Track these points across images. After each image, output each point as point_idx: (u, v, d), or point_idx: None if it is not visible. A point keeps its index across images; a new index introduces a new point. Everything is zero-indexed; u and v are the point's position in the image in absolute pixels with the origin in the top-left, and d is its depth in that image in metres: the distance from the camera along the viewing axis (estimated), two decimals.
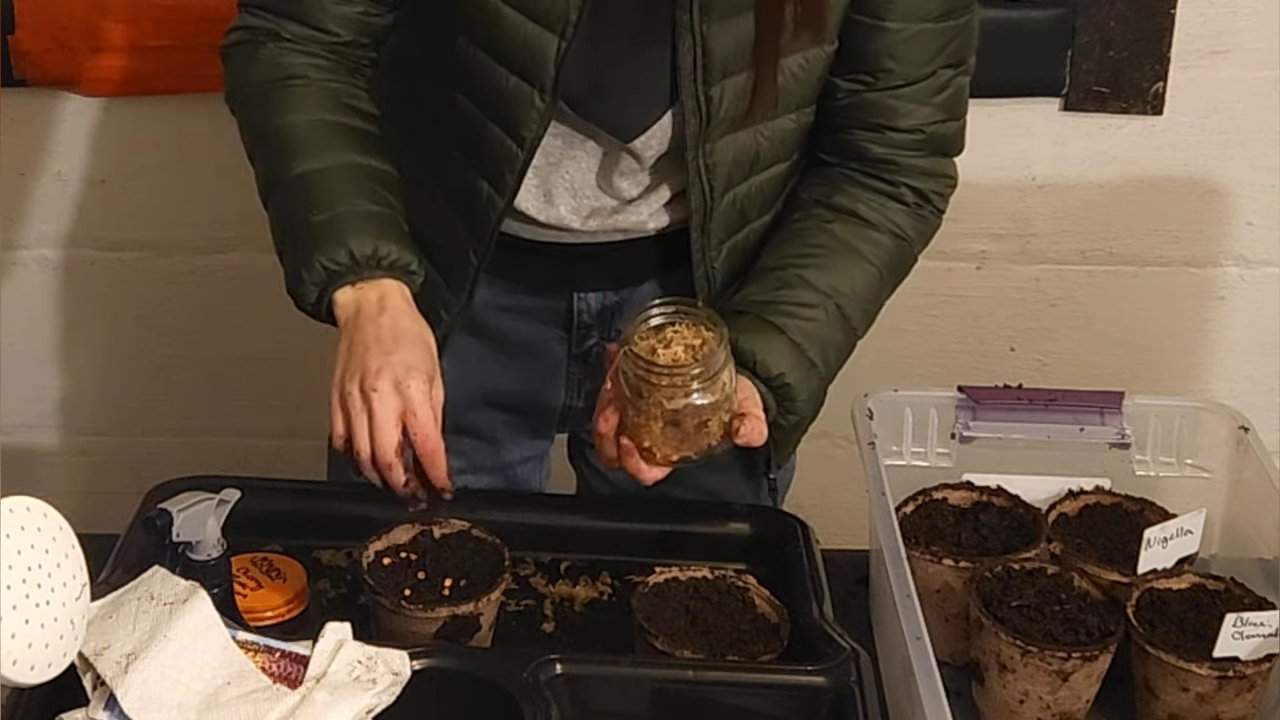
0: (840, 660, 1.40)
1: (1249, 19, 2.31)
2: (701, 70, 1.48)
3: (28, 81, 2.31)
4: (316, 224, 1.48)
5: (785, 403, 1.53)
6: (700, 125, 1.51)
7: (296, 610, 1.52)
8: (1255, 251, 2.44)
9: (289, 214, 1.52)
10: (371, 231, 1.48)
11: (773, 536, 1.62)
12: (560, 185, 1.58)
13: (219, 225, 2.42)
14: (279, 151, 1.54)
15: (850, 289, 1.57)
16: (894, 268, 1.62)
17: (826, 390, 1.58)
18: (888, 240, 1.60)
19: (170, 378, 2.53)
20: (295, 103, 1.54)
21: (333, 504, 1.67)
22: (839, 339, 1.57)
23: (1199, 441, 1.72)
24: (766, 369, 1.51)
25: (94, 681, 1.27)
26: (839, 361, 1.59)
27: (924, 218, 1.62)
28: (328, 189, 1.50)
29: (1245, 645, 1.44)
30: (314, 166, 1.52)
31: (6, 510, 1.16)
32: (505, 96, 1.51)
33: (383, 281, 1.48)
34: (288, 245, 1.52)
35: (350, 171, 1.52)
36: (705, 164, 1.53)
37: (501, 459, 1.77)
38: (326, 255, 1.47)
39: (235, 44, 1.60)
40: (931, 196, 1.61)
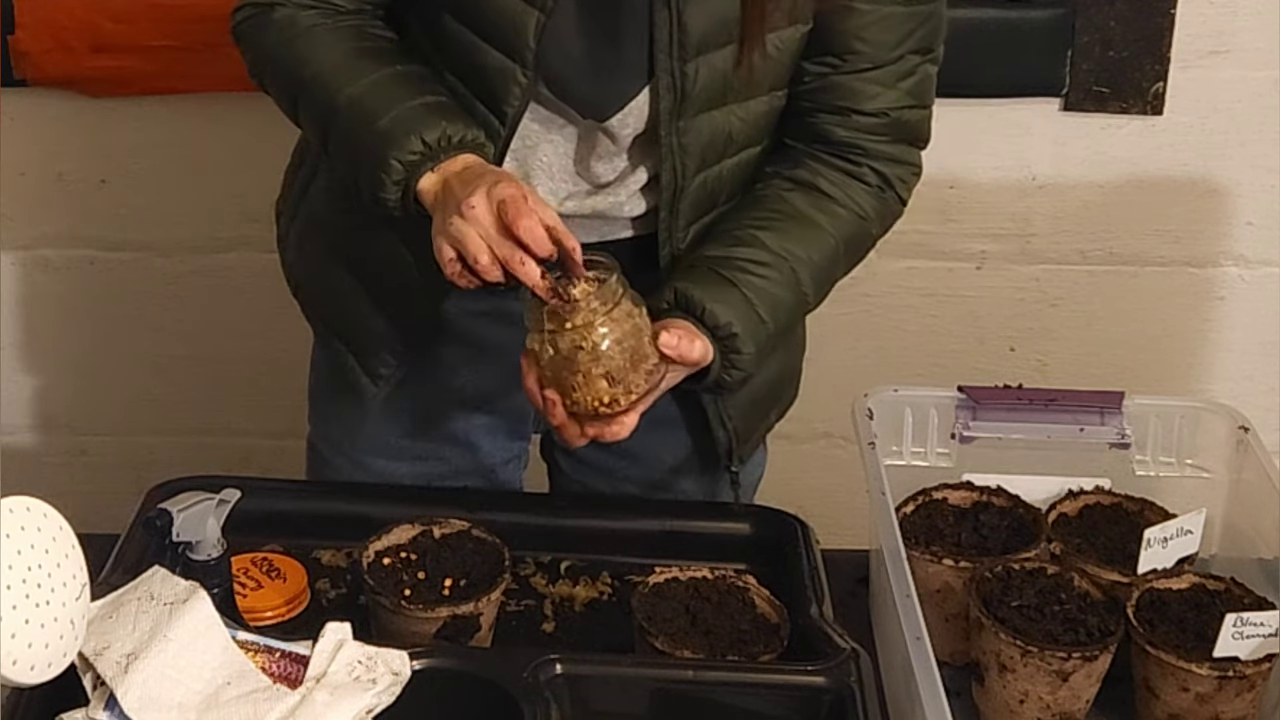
0: (840, 660, 1.40)
1: (1249, 19, 2.31)
2: (678, 46, 1.49)
3: (28, 81, 2.31)
4: (382, 129, 1.49)
5: (730, 355, 1.52)
6: (675, 102, 1.51)
7: (296, 610, 1.52)
8: (1255, 251, 2.44)
9: (352, 135, 1.53)
10: (436, 118, 1.49)
11: (773, 536, 1.62)
12: (538, 168, 1.58)
13: (219, 225, 2.42)
14: (322, 90, 1.55)
15: (805, 255, 1.57)
16: (851, 243, 1.61)
17: (772, 349, 1.58)
18: (847, 215, 1.59)
19: (170, 378, 2.53)
20: (321, 46, 1.56)
21: (333, 504, 1.67)
22: (789, 301, 1.57)
23: (1199, 441, 1.72)
24: (714, 318, 1.50)
25: (94, 681, 1.27)
26: (788, 323, 1.59)
27: (885, 201, 1.61)
28: (381, 98, 1.52)
29: (1245, 645, 1.44)
30: (360, 88, 1.53)
31: (6, 510, 1.16)
32: (489, 73, 1.52)
33: (458, 157, 1.49)
34: (361, 161, 1.51)
35: (396, 78, 1.54)
36: (679, 142, 1.53)
37: (482, 463, 1.77)
38: (400, 151, 1.48)
39: (245, 20, 1.61)
40: (894, 182, 1.61)
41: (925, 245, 2.42)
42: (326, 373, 1.79)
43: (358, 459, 1.76)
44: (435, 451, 1.75)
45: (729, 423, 1.69)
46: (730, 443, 1.71)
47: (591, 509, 1.70)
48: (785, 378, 1.77)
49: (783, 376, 1.75)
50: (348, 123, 1.53)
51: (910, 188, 1.64)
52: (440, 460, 1.75)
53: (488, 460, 1.77)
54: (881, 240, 1.72)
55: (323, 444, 1.80)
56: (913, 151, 1.63)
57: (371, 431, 1.74)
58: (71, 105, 2.35)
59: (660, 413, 1.69)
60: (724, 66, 1.51)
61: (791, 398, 1.81)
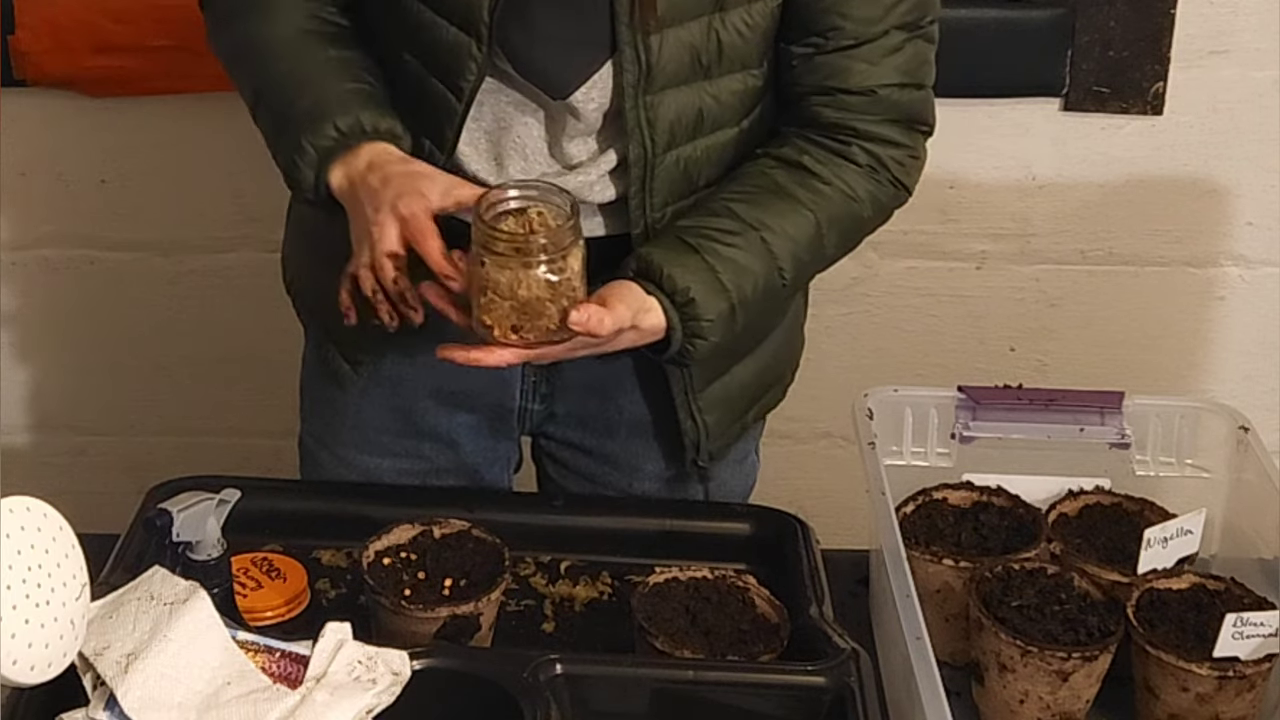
0: (840, 660, 1.40)
1: (1249, 19, 2.31)
2: (640, 20, 1.47)
3: (28, 81, 2.31)
4: (301, 109, 1.53)
5: (690, 322, 1.50)
6: (640, 75, 1.50)
7: (296, 610, 1.52)
8: (1255, 251, 2.44)
9: (276, 111, 1.56)
10: (354, 105, 1.52)
11: (773, 536, 1.63)
12: (511, 149, 1.57)
13: (219, 225, 2.42)
14: (259, 60, 1.58)
15: (779, 227, 1.54)
16: (837, 222, 1.57)
17: (739, 321, 1.54)
18: (831, 192, 1.56)
19: (170, 378, 2.53)
20: (270, 15, 1.58)
21: (333, 504, 1.67)
22: (758, 270, 1.53)
23: (1199, 441, 1.72)
24: (673, 283, 1.49)
25: (94, 681, 1.27)
26: (755, 296, 1.54)
27: (879, 183, 1.58)
28: (310, 79, 1.55)
29: (1245, 645, 1.44)
30: (294, 65, 1.56)
31: (6, 510, 1.16)
32: (445, 48, 1.52)
33: (364, 146, 1.51)
34: (280, 140, 1.55)
35: (331, 63, 1.56)
36: (646, 117, 1.52)
37: (464, 461, 1.76)
38: (314, 135, 1.51)
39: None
40: (888, 164, 1.58)
41: (925, 245, 2.42)
42: (313, 364, 1.80)
43: (341, 454, 1.76)
44: (415, 449, 1.74)
45: (699, 415, 1.67)
46: (698, 435, 1.68)
47: (591, 509, 1.70)
48: (768, 378, 1.74)
49: (764, 375, 1.73)
50: (275, 98, 1.56)
51: (909, 172, 1.60)
52: (421, 458, 1.75)
53: (470, 459, 1.76)
54: (881, 240, 1.72)
55: (309, 439, 1.81)
56: (910, 134, 1.60)
57: (354, 426, 1.74)
58: (71, 105, 2.35)
59: (640, 419, 1.70)
60: (693, 40, 1.49)
61: (776, 400, 1.79)
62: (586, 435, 1.74)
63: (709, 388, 1.67)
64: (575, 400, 1.71)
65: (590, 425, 1.73)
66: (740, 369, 1.69)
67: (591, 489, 1.76)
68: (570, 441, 1.75)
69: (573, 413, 1.72)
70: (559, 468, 1.78)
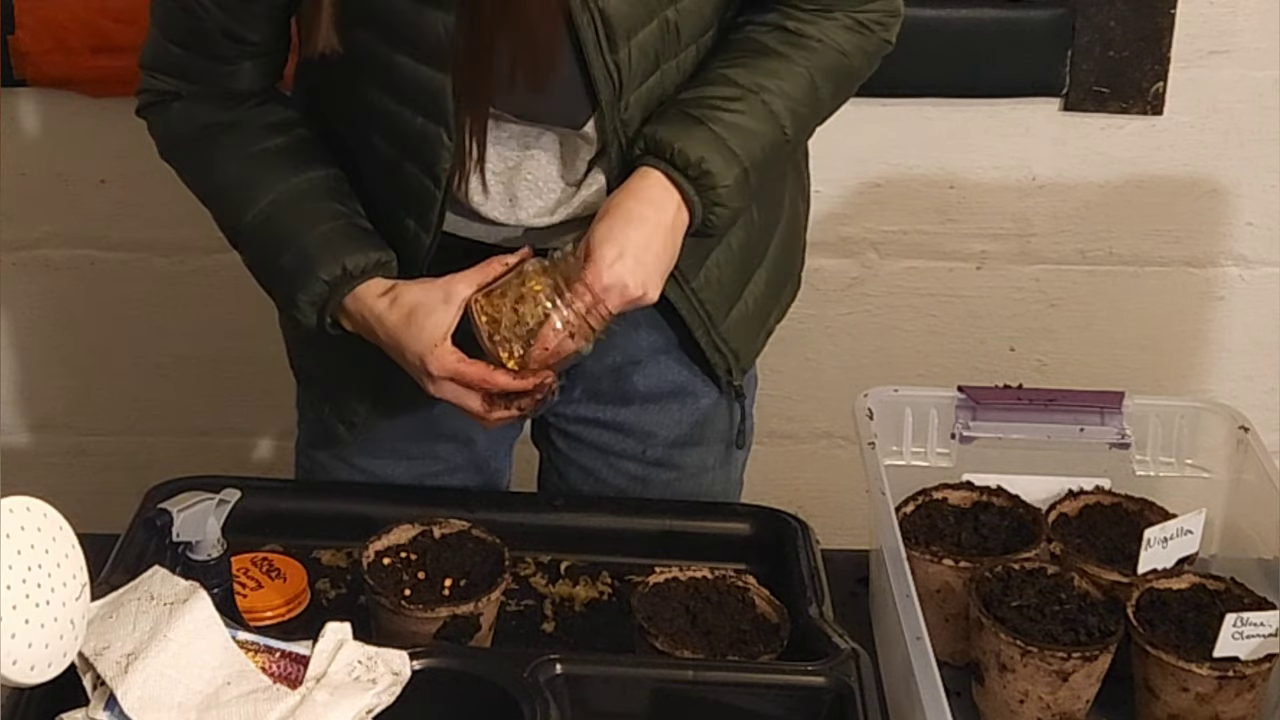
0: (840, 660, 1.40)
1: (1249, 19, 2.31)
2: (605, 40, 1.47)
3: (28, 81, 2.30)
4: (285, 266, 1.57)
5: (707, 192, 1.51)
6: (613, 90, 1.50)
7: (296, 610, 1.52)
8: (1255, 251, 2.44)
9: (260, 263, 1.61)
10: (335, 251, 1.55)
11: (773, 536, 1.63)
12: (524, 187, 1.56)
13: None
14: (225, 207, 1.62)
15: (777, 87, 1.55)
16: (829, 74, 1.58)
17: (752, 184, 1.56)
18: (820, 48, 1.57)
19: (170, 378, 2.53)
20: (219, 154, 1.61)
21: (333, 504, 1.67)
22: (764, 132, 1.55)
23: (1199, 441, 1.72)
24: (685, 157, 1.50)
25: (94, 681, 1.27)
26: (765, 157, 1.56)
27: (863, 36, 1.59)
28: (280, 227, 1.58)
29: (1245, 645, 1.44)
30: (259, 208, 1.59)
31: (6, 510, 1.16)
32: (415, 138, 1.52)
33: (356, 295, 1.55)
34: (271, 290, 1.61)
35: (294, 197, 1.59)
36: (621, 120, 1.52)
37: (476, 455, 1.77)
38: (305, 292, 1.56)
39: (145, 106, 1.65)
40: (870, 25, 1.59)
41: (925, 245, 2.42)
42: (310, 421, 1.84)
43: (352, 461, 1.76)
44: (431, 450, 1.75)
45: (724, 345, 1.69)
46: (728, 362, 1.70)
47: (591, 509, 1.70)
48: (779, 280, 1.75)
49: (775, 279, 1.74)
50: (253, 248, 1.61)
51: (890, 28, 1.61)
52: (436, 459, 1.75)
53: (482, 452, 1.77)
54: (881, 240, 1.72)
55: (313, 450, 1.81)
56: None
57: (370, 431, 1.74)
58: (71, 105, 2.35)
59: (654, 388, 1.70)
60: (651, 41, 1.50)
61: (792, 295, 1.80)
62: (601, 408, 1.74)
63: (728, 318, 1.68)
64: (590, 378, 1.71)
65: (604, 398, 1.73)
66: (752, 286, 1.70)
67: (603, 460, 1.76)
68: (582, 416, 1.75)
69: (588, 389, 1.72)
70: (570, 442, 1.78)
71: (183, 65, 1.60)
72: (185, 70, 1.60)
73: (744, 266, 1.68)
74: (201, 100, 1.61)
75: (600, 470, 1.77)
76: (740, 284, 1.68)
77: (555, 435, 1.79)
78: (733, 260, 1.66)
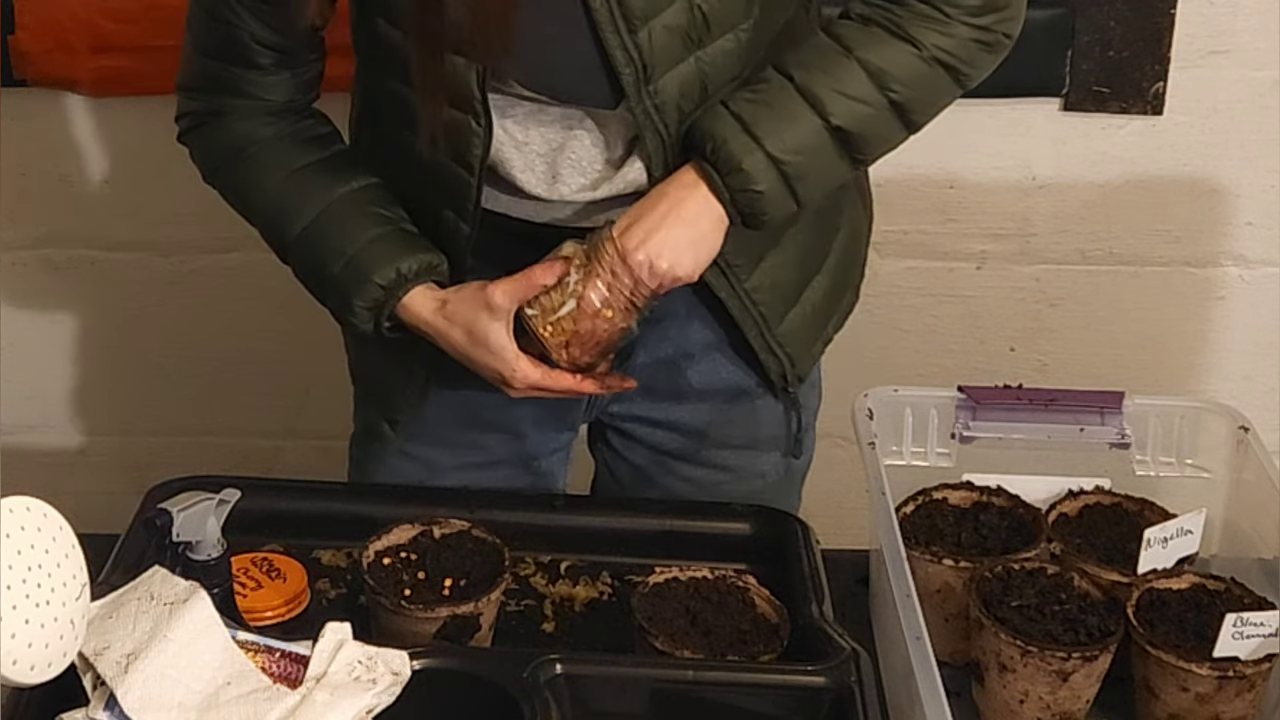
0: (840, 660, 1.40)
1: (1249, 19, 2.31)
2: (623, 21, 1.47)
3: (28, 81, 2.30)
4: (338, 274, 1.59)
5: (731, 175, 1.50)
6: (636, 73, 1.49)
7: (296, 610, 1.52)
8: (1255, 251, 2.44)
9: (311, 273, 1.63)
10: (387, 257, 1.58)
11: (773, 536, 1.63)
12: (568, 166, 1.57)
13: (219, 225, 2.40)
14: (272, 223, 1.64)
15: (818, 66, 1.51)
16: (894, 66, 1.51)
17: (788, 172, 1.51)
18: (883, 35, 1.51)
19: (170, 378, 2.53)
20: (261, 171, 1.63)
21: (333, 504, 1.67)
22: (799, 116, 1.50)
23: (1199, 441, 1.72)
24: (703, 138, 1.50)
25: (94, 681, 1.27)
26: (802, 144, 1.51)
27: (948, 26, 1.51)
28: (330, 237, 1.60)
29: (1245, 645, 1.44)
30: (308, 221, 1.61)
31: (6, 510, 1.16)
32: (446, 127, 1.52)
33: (409, 305, 1.58)
34: (325, 299, 1.63)
35: (341, 208, 1.61)
36: (653, 105, 1.51)
37: (525, 451, 1.77)
38: (361, 298, 1.58)
39: (185, 131, 1.68)
40: (948, 9, 1.51)
41: (925, 245, 2.42)
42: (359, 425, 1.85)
43: (401, 447, 1.77)
44: (479, 440, 1.75)
45: (778, 348, 1.69)
46: (782, 367, 1.70)
47: (591, 509, 1.70)
48: (839, 289, 1.75)
49: (835, 289, 1.73)
50: (304, 260, 1.63)
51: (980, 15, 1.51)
52: (483, 449, 1.76)
53: (532, 449, 1.77)
54: (881, 240, 1.71)
55: (367, 439, 1.81)
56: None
57: (417, 419, 1.75)
58: (71, 105, 2.35)
59: (707, 385, 1.71)
60: (677, 23, 1.49)
61: (851, 305, 1.79)
62: (654, 406, 1.74)
63: (784, 322, 1.67)
64: (644, 375, 1.71)
65: (658, 395, 1.73)
66: (810, 291, 1.70)
67: (656, 460, 1.76)
68: (636, 415, 1.75)
69: (642, 384, 1.72)
70: (625, 440, 1.78)
71: (217, 77, 1.62)
72: (220, 83, 1.62)
73: (803, 271, 1.68)
74: (239, 118, 1.63)
75: (653, 471, 1.78)
76: (799, 288, 1.68)
77: (610, 434, 1.79)
78: (789, 264, 1.66)
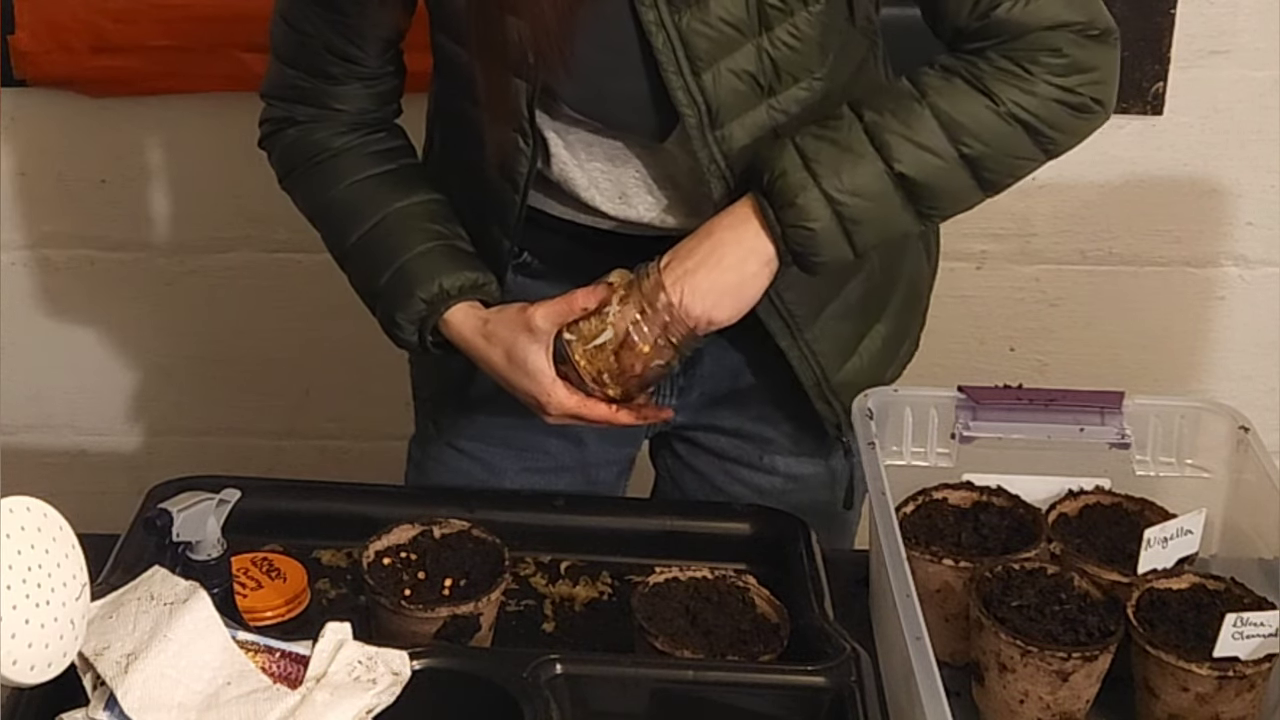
0: (840, 660, 1.40)
1: (1249, 19, 2.31)
2: (686, 62, 1.46)
3: (28, 81, 2.31)
4: (385, 286, 1.61)
5: (784, 210, 1.47)
6: (700, 115, 1.49)
7: (296, 610, 1.52)
8: (1255, 251, 2.44)
9: (363, 282, 1.65)
10: (433, 272, 1.59)
11: (773, 536, 1.62)
12: (632, 183, 1.58)
13: (219, 225, 2.42)
14: (333, 229, 1.66)
15: (891, 110, 1.47)
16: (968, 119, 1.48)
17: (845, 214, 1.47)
18: (962, 86, 1.48)
19: (170, 378, 2.53)
20: (328, 179, 1.65)
21: (333, 504, 1.67)
22: (862, 156, 1.47)
23: (1199, 441, 1.71)
24: (763, 171, 1.48)
25: (94, 681, 1.27)
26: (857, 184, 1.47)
27: (1029, 83, 1.49)
28: (382, 248, 1.62)
29: (1245, 645, 1.44)
30: (364, 230, 1.63)
31: (6, 510, 1.16)
32: (496, 143, 1.54)
33: (452, 322, 1.58)
34: (374, 309, 1.65)
35: (397, 220, 1.63)
36: (719, 150, 1.51)
37: (586, 460, 1.78)
38: (404, 311, 1.60)
39: (265, 137, 1.70)
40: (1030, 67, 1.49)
41: None
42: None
43: (463, 447, 1.78)
44: (541, 444, 1.76)
45: (833, 399, 1.69)
46: (837, 418, 1.70)
47: (591, 509, 1.70)
48: (897, 340, 1.75)
49: (893, 339, 1.74)
50: (358, 268, 1.65)
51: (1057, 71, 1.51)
52: (545, 454, 1.76)
53: (592, 459, 1.78)
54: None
55: (421, 441, 1.83)
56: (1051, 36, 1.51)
57: (480, 421, 1.76)
58: (71, 105, 2.35)
59: (771, 393, 1.71)
60: (746, 67, 1.48)
61: (910, 354, 1.80)
62: (718, 414, 1.74)
63: (840, 372, 1.68)
64: (709, 385, 1.72)
65: (722, 403, 1.73)
66: (868, 341, 1.70)
67: (721, 466, 1.77)
68: (700, 423, 1.76)
69: (705, 393, 1.72)
70: (690, 448, 1.78)
71: (294, 86, 1.64)
72: (297, 92, 1.64)
73: (862, 322, 1.69)
74: (314, 128, 1.65)
75: (717, 477, 1.78)
76: (857, 339, 1.69)
77: (676, 442, 1.80)
78: (850, 313, 1.67)
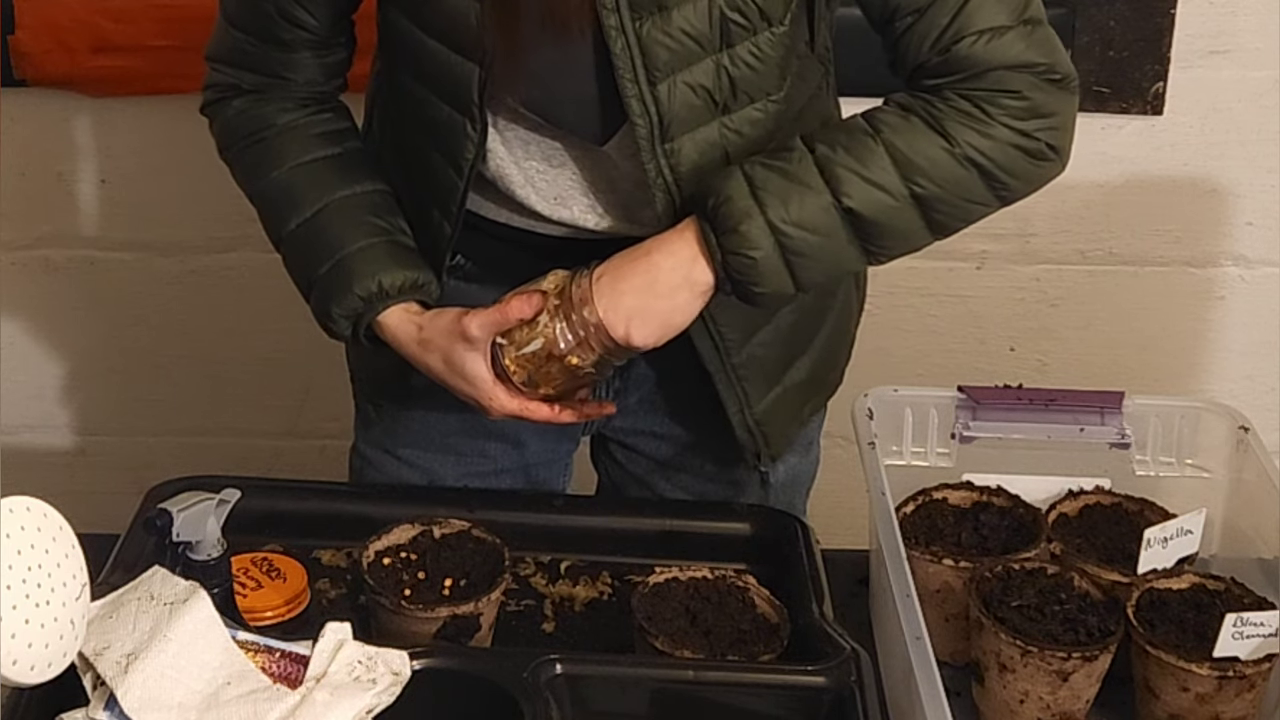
0: (840, 660, 1.40)
1: (1249, 19, 2.31)
2: (643, 71, 1.44)
3: (28, 81, 2.31)
4: (323, 276, 1.58)
5: (725, 236, 1.43)
6: (651, 126, 1.46)
7: (296, 610, 1.52)
8: (1255, 251, 2.44)
9: (299, 269, 1.61)
10: (371, 267, 1.56)
11: (772, 536, 1.62)
12: (570, 186, 1.56)
13: (219, 225, 2.42)
14: (271, 211, 1.63)
15: (844, 145, 1.44)
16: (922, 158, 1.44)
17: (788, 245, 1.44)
18: (918, 125, 1.45)
19: (170, 378, 2.53)
20: (271, 158, 1.62)
21: (333, 504, 1.67)
22: (809, 187, 1.44)
23: (1199, 441, 1.72)
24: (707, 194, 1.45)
25: (94, 681, 1.27)
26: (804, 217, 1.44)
27: (987, 126, 1.45)
28: (322, 238, 1.59)
29: (1245, 645, 1.44)
30: (305, 217, 1.60)
31: (6, 510, 1.16)
32: (443, 126, 1.52)
33: (388, 324, 1.56)
34: (308, 297, 1.61)
35: (339, 209, 1.59)
36: (668, 164, 1.48)
37: (527, 461, 1.77)
38: (340, 305, 1.57)
39: (208, 104, 1.66)
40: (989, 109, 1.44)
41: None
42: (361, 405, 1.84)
43: (399, 454, 1.77)
44: (480, 448, 1.75)
45: (755, 428, 1.66)
46: (757, 445, 1.68)
47: (591, 509, 1.70)
48: (821, 372, 1.73)
49: (817, 371, 1.71)
50: (294, 255, 1.62)
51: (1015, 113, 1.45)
52: (484, 457, 1.75)
53: (532, 459, 1.77)
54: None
55: (365, 446, 1.81)
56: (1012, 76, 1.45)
57: (418, 428, 1.75)
58: (71, 105, 2.35)
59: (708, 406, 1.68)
60: (702, 82, 1.45)
61: (834, 386, 1.77)
62: (656, 420, 1.73)
63: (763, 400, 1.66)
64: (646, 389, 1.71)
65: (659, 410, 1.73)
66: (794, 372, 1.68)
67: (662, 474, 1.76)
68: (639, 429, 1.75)
69: (645, 399, 1.72)
70: (627, 453, 1.77)
71: (243, 51, 1.60)
72: (244, 57, 1.61)
73: (789, 348, 1.66)
74: (261, 100, 1.62)
75: (655, 483, 1.77)
76: (783, 367, 1.67)
77: (614, 448, 1.79)
78: (778, 340, 1.64)
